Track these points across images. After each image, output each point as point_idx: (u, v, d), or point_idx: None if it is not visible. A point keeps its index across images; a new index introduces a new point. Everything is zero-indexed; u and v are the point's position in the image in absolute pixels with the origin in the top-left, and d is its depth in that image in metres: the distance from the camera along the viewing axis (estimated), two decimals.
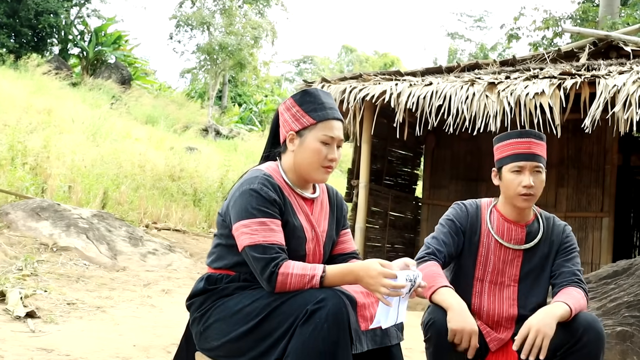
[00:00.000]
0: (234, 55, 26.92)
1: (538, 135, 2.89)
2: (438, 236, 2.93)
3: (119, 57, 25.38)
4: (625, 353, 4.50)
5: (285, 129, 2.60)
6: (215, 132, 23.62)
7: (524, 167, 2.85)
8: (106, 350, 3.99)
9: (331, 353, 2.21)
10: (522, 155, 2.85)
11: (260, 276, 2.36)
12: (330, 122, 2.56)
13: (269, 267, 2.33)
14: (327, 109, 2.57)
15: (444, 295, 2.67)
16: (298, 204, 2.58)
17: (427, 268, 2.76)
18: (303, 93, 2.60)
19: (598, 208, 9.24)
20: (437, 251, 2.86)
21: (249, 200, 2.43)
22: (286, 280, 2.33)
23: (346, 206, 2.86)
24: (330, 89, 8.63)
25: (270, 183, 2.48)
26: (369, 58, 45.91)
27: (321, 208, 2.68)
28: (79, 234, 7.17)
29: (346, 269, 2.36)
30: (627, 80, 7.13)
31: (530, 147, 2.85)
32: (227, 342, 2.39)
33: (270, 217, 2.42)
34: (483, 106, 7.62)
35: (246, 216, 2.41)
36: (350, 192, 9.96)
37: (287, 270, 2.33)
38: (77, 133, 13.03)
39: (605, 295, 5.05)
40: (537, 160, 2.85)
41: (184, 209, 11.32)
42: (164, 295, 6.20)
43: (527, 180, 2.83)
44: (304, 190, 2.63)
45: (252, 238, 2.38)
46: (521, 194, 2.85)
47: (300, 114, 2.56)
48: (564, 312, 2.61)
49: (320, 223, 2.64)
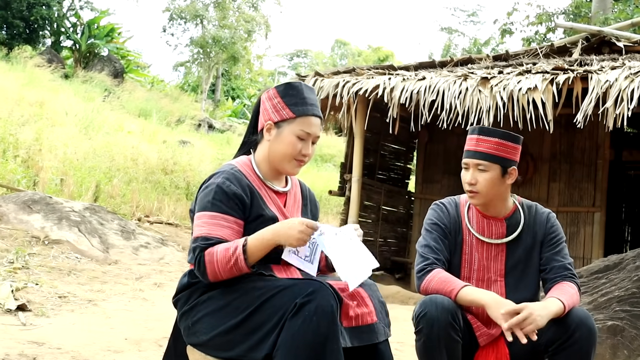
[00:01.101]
0: (227, 49, 26.89)
1: (488, 131, 2.84)
2: (429, 243, 2.89)
3: (112, 49, 25.30)
4: (616, 347, 4.52)
5: (264, 118, 2.61)
6: (208, 126, 23.60)
7: (468, 164, 2.86)
8: (97, 343, 3.98)
9: (321, 345, 2.21)
10: (467, 152, 2.87)
11: (195, 266, 2.40)
12: (309, 119, 2.58)
13: (198, 254, 2.37)
14: (308, 104, 2.59)
15: (471, 293, 2.67)
16: (270, 197, 2.60)
17: (437, 275, 2.75)
18: (287, 85, 2.62)
19: (590, 203, 9.26)
20: (436, 260, 2.83)
21: (208, 194, 2.47)
22: (212, 259, 2.35)
23: (318, 205, 2.89)
24: (324, 83, 8.62)
25: (236, 177, 2.51)
26: (362, 52, 45.87)
27: (294, 201, 2.71)
28: (70, 227, 7.15)
29: (263, 230, 2.40)
30: (619, 75, 7.14)
31: (476, 144, 2.83)
32: (217, 336, 2.38)
33: (223, 212, 2.44)
34: (476, 101, 7.63)
35: (202, 209, 2.46)
36: (343, 186, 9.97)
37: (212, 250, 2.37)
38: (69, 126, 12.98)
39: (596, 290, 5.07)
40: (478, 158, 2.82)
41: (176, 202, 11.32)
42: (156, 288, 6.20)
43: (468, 177, 2.85)
44: (276, 183, 2.66)
45: (199, 230, 2.42)
46: (467, 190, 2.87)
47: (281, 105, 2.57)
48: (557, 309, 2.60)
49: (293, 215, 2.65)
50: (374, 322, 2.45)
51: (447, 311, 2.58)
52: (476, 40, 28.40)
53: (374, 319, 2.45)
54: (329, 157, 23.72)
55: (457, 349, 2.62)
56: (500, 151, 2.82)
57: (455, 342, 2.60)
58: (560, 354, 2.61)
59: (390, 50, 44.55)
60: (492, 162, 2.82)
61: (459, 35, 31.45)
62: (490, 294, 2.65)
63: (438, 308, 2.59)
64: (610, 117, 6.93)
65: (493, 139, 2.81)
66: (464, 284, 2.71)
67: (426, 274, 2.79)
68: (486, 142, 2.81)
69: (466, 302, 2.68)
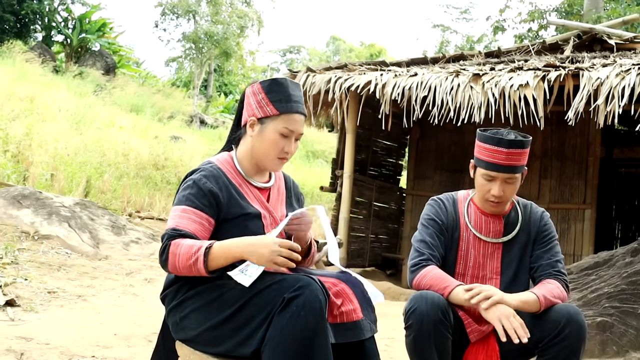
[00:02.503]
0: (219, 44, 26.82)
1: (520, 143, 2.77)
2: (425, 239, 2.88)
3: (104, 44, 25.19)
4: (605, 343, 4.54)
5: (248, 113, 2.59)
6: (200, 122, 23.54)
7: (496, 177, 2.79)
8: (86, 339, 3.96)
9: (309, 340, 2.20)
10: (495, 166, 2.77)
11: (159, 255, 2.39)
12: (292, 116, 2.55)
13: (164, 243, 2.37)
14: (292, 101, 2.56)
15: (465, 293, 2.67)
16: (252, 193, 2.58)
17: (430, 272, 2.76)
18: (272, 81, 2.59)
19: (580, 200, 9.29)
20: (431, 256, 2.82)
21: (184, 189, 2.48)
22: (176, 250, 2.33)
23: (303, 198, 2.87)
24: (315, 79, 8.61)
25: (213, 175, 2.50)
26: (354, 48, 45.84)
27: (277, 195, 2.69)
28: (60, 223, 7.11)
29: (234, 241, 2.36)
30: (610, 73, 7.16)
31: (507, 158, 2.75)
32: (205, 331, 2.37)
33: (195, 207, 2.43)
34: (468, 97, 7.64)
35: (177, 202, 2.47)
36: (334, 182, 9.97)
37: (179, 242, 2.35)
38: (60, 121, 12.92)
39: (586, 286, 5.08)
40: (511, 172, 2.77)
41: (167, 197, 11.28)
42: (146, 284, 6.18)
43: (496, 190, 2.79)
44: (258, 178, 2.64)
45: (170, 222, 2.42)
46: (489, 200, 2.84)
47: (265, 102, 2.55)
48: (529, 298, 2.64)
49: (277, 209, 2.64)
50: (359, 319, 2.43)
51: (437, 307, 2.58)
52: (469, 37, 28.43)
53: (359, 316, 2.43)
54: (320, 153, 23.72)
55: (446, 345, 2.62)
56: (523, 160, 2.82)
57: (445, 338, 2.60)
58: (551, 350, 2.62)
59: (383, 47, 44.55)
60: (519, 173, 2.82)
61: (451, 33, 31.48)
62: None
63: (428, 304, 2.58)
64: (602, 114, 6.96)
65: (521, 150, 2.77)
66: (458, 283, 2.72)
67: (420, 269, 2.79)
68: (515, 155, 2.75)
69: (459, 302, 2.68)
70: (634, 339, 4.52)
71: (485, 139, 2.81)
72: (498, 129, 2.86)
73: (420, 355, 2.62)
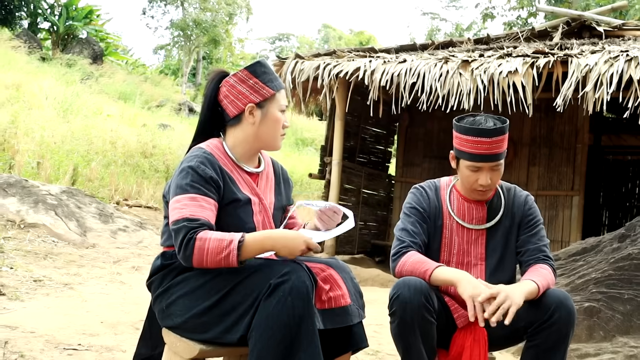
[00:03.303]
0: (208, 32, 26.72)
1: (500, 130, 2.73)
2: (407, 227, 2.86)
3: (91, 32, 24.97)
4: (592, 328, 4.55)
5: (241, 102, 2.54)
6: (189, 110, 23.43)
7: (482, 167, 2.77)
8: (72, 326, 3.93)
9: (296, 326, 2.19)
10: (480, 157, 2.74)
11: (179, 247, 2.30)
12: (282, 92, 2.63)
13: (187, 235, 2.28)
14: (278, 79, 2.63)
15: (444, 273, 2.64)
16: (242, 178, 2.56)
17: (411, 258, 2.73)
18: (257, 64, 2.58)
19: (569, 187, 9.31)
20: (412, 243, 2.80)
21: (184, 177, 2.41)
22: (204, 245, 2.26)
23: (292, 182, 2.85)
24: (304, 65, 8.57)
25: (209, 161, 2.46)
26: (343, 36, 45.72)
27: (267, 181, 2.67)
28: (47, 211, 7.06)
29: (263, 234, 2.35)
30: (599, 59, 7.15)
31: (490, 147, 2.73)
32: (191, 318, 2.35)
33: (203, 194, 2.38)
34: (456, 84, 7.61)
35: (180, 192, 2.39)
36: (323, 169, 9.94)
37: (205, 236, 2.28)
38: (47, 109, 12.82)
39: (573, 272, 5.09)
40: (496, 160, 2.76)
41: (156, 185, 11.23)
42: (134, 272, 6.15)
43: (484, 179, 2.77)
44: (249, 164, 2.61)
45: (180, 213, 2.34)
46: (477, 190, 2.82)
47: (259, 85, 2.54)
48: (532, 288, 2.59)
49: (266, 195, 2.62)
50: (347, 304, 2.42)
51: (420, 292, 2.56)
52: (458, 25, 28.40)
53: (348, 302, 2.42)
54: (309, 141, 23.67)
55: (431, 330, 2.61)
56: (505, 144, 2.80)
57: (430, 323, 2.58)
58: (539, 334, 2.61)
59: (372, 35, 44.45)
60: (503, 158, 2.81)
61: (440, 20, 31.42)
62: (463, 273, 2.63)
63: (411, 290, 2.57)
64: (590, 101, 6.95)
65: (500, 137, 2.75)
66: (438, 264, 2.69)
67: (400, 257, 2.77)
68: (498, 142, 2.74)
69: (440, 282, 2.66)
70: (620, 324, 4.53)
71: (465, 131, 2.77)
72: (474, 117, 2.81)
73: (405, 341, 2.60)
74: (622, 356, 4.31)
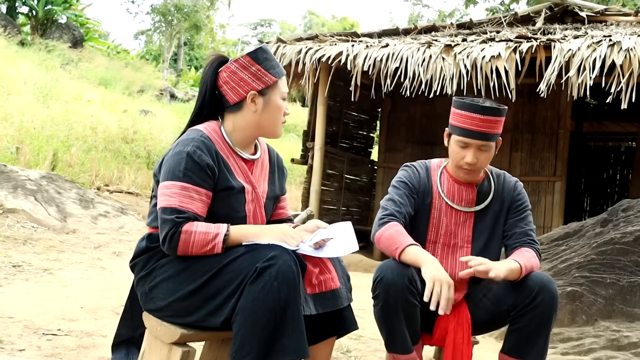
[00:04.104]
0: (189, 17, 26.53)
1: (495, 111, 2.74)
2: (394, 197, 2.85)
3: (70, 17, 24.64)
4: (575, 312, 4.56)
5: (243, 90, 2.47)
6: (170, 95, 23.28)
7: (470, 144, 2.76)
8: (52, 312, 3.88)
9: (281, 311, 2.16)
10: (470, 132, 2.74)
11: (164, 238, 2.28)
12: (283, 79, 2.56)
13: (172, 228, 2.27)
14: (279, 65, 2.56)
15: (413, 252, 2.61)
16: (237, 165, 2.50)
17: (390, 229, 2.71)
18: (260, 50, 2.51)
19: (551, 172, 9.34)
20: (396, 212, 2.78)
21: (179, 162, 2.35)
22: (189, 238, 2.26)
23: (286, 171, 2.81)
24: (286, 50, 8.50)
25: (206, 146, 2.40)
26: (326, 22, 45.57)
27: (261, 169, 2.62)
28: (26, 196, 6.97)
29: (246, 227, 2.38)
30: (581, 44, 7.15)
31: (481, 125, 2.73)
32: (174, 302, 2.31)
33: (195, 184, 2.33)
34: (439, 69, 7.59)
35: (171, 178, 2.34)
36: (305, 154, 9.89)
37: (190, 228, 2.28)
38: (26, 94, 12.68)
39: (556, 257, 5.11)
40: (485, 139, 2.75)
41: (137, 171, 11.16)
42: (115, 257, 6.09)
43: (470, 157, 2.76)
44: (245, 150, 2.56)
45: (168, 201, 2.31)
46: (462, 168, 2.81)
47: (262, 72, 2.47)
48: (514, 266, 2.58)
49: (260, 184, 2.57)
50: (337, 287, 2.41)
51: (403, 275, 2.55)
52: (441, 12, 28.39)
53: (337, 285, 2.41)
54: (292, 127, 23.61)
55: (415, 313, 2.59)
56: (498, 128, 2.79)
57: (413, 306, 2.57)
58: (522, 318, 2.60)
59: (356, 21, 44.34)
60: (493, 141, 2.79)
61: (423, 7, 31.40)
62: (431, 257, 2.60)
63: (394, 272, 2.55)
64: (573, 86, 6.96)
65: (496, 117, 2.75)
66: (410, 242, 2.65)
67: (382, 225, 2.75)
68: (489, 122, 2.73)
69: (408, 261, 2.62)
70: (602, 308, 4.55)
71: (460, 106, 2.79)
72: (475, 97, 2.83)
73: (388, 324, 2.59)
74: (604, 340, 4.33)
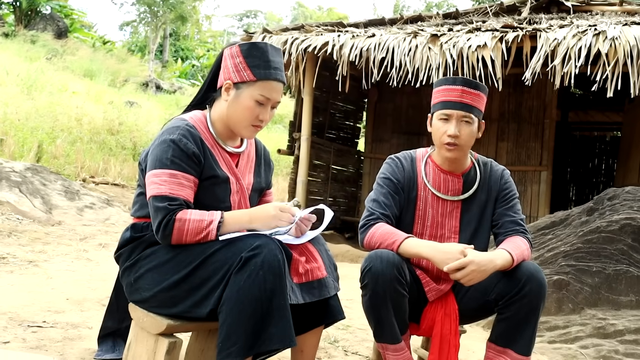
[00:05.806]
0: (175, 8, 26.36)
1: (474, 84, 2.76)
2: (378, 198, 2.82)
3: (55, 7, 24.44)
4: (561, 301, 4.59)
5: (224, 76, 2.47)
6: (156, 87, 23.15)
7: (451, 115, 2.74)
8: (37, 304, 3.85)
9: (267, 300, 2.15)
10: (450, 103, 2.74)
11: (157, 227, 2.28)
12: (270, 83, 2.43)
13: (166, 216, 2.26)
14: (271, 68, 2.44)
15: (413, 245, 2.61)
16: (222, 156, 2.49)
17: (380, 229, 2.69)
18: (251, 45, 2.46)
19: (537, 162, 9.38)
20: (381, 215, 2.76)
21: (165, 150, 2.33)
22: (183, 226, 2.26)
23: (273, 165, 2.80)
24: (272, 40, 8.47)
25: (192, 134, 2.39)
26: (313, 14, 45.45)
27: (247, 161, 2.60)
28: (11, 188, 6.92)
29: (243, 211, 2.39)
30: (567, 33, 7.17)
31: (461, 96, 2.73)
32: (160, 292, 2.30)
33: (183, 170, 2.33)
34: (426, 58, 7.58)
35: (159, 166, 2.32)
36: (292, 145, 9.88)
37: (184, 216, 2.27)
38: (9, 85, 12.57)
39: (543, 246, 5.13)
40: (465, 110, 2.73)
41: (123, 163, 11.09)
42: (101, 249, 6.06)
43: (452, 129, 2.73)
44: (230, 142, 2.54)
45: (158, 189, 2.29)
46: (445, 143, 2.77)
47: (243, 66, 2.43)
48: (505, 261, 2.56)
49: (245, 176, 2.56)
50: (324, 276, 2.40)
51: (392, 265, 2.53)
52: (429, 3, 28.39)
53: (324, 274, 2.41)
54: (279, 118, 23.55)
55: (403, 303, 2.58)
56: (479, 103, 2.78)
57: (402, 295, 2.56)
58: (510, 307, 2.59)
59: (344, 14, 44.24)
60: (475, 115, 2.77)
61: None
62: (432, 246, 2.60)
63: (383, 262, 2.54)
64: (559, 75, 6.97)
65: (476, 91, 2.76)
66: (407, 235, 2.65)
67: (369, 228, 2.73)
68: (471, 95, 2.74)
69: (409, 255, 2.63)
70: (589, 296, 4.58)
71: (440, 82, 2.82)
72: None
73: (377, 314, 2.58)
74: (591, 328, 4.36)
